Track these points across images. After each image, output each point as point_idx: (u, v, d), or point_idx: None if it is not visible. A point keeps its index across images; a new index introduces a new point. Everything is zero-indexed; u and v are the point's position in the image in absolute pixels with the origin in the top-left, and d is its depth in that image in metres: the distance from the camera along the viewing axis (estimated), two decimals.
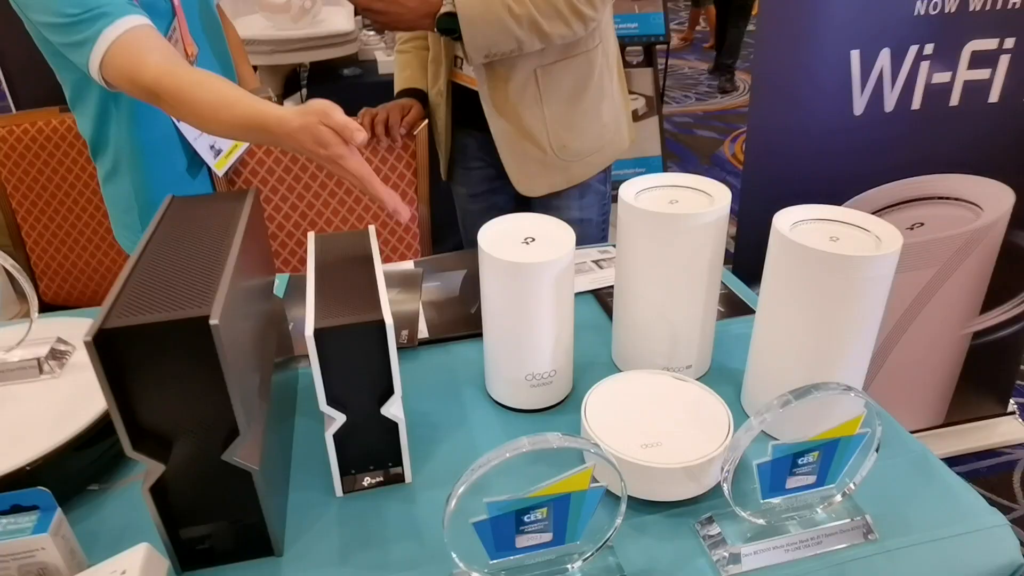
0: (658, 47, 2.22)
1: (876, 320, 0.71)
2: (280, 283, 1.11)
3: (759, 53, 1.34)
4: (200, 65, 1.19)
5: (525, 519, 0.56)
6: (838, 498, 0.66)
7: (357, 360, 0.67)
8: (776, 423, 0.78)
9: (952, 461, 1.82)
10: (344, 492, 0.73)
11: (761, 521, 0.65)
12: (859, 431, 0.61)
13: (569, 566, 0.61)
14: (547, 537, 0.58)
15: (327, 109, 0.79)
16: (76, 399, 0.77)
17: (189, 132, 1.26)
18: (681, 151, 3.94)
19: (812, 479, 0.63)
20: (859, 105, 1.33)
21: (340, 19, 2.35)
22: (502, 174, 1.34)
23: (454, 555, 0.58)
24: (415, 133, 1.37)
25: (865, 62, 1.29)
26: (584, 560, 0.61)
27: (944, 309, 1.59)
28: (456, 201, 1.45)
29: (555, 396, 0.84)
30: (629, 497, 0.70)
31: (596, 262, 1.15)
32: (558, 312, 0.77)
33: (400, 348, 0.94)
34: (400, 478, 0.74)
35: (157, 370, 0.57)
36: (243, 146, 1.35)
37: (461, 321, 0.99)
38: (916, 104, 1.35)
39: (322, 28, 2.23)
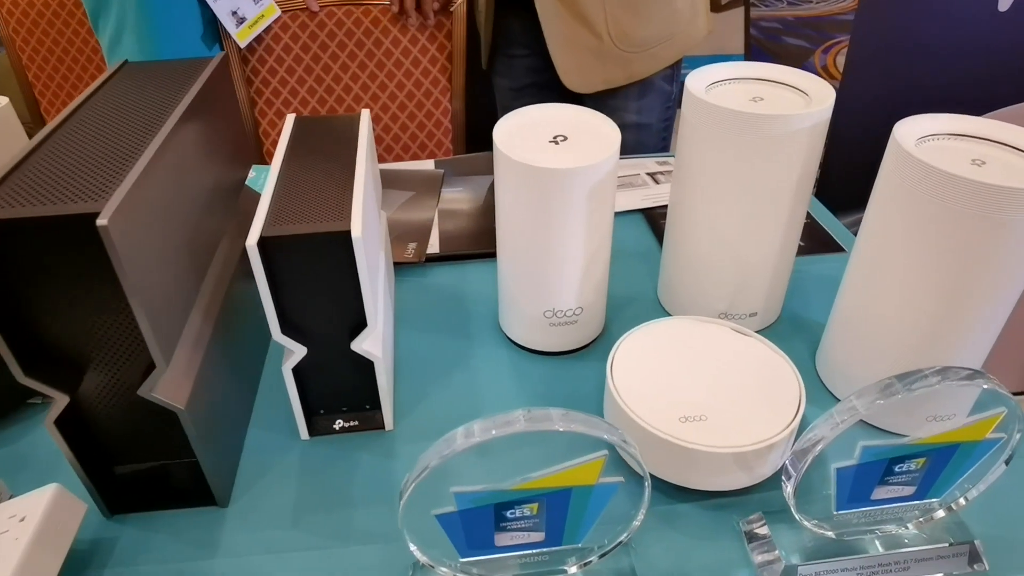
0: None
1: (1023, 279, 0.52)
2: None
3: None
4: None
5: (507, 515, 0.42)
6: (940, 513, 0.49)
7: (318, 281, 0.52)
8: (871, 416, 0.60)
9: None
10: (311, 435, 0.61)
11: (829, 533, 0.49)
12: (990, 436, 0.44)
13: (567, 568, 0.47)
14: (537, 537, 0.44)
15: None
16: None
17: None
18: (765, 59, 3.55)
19: (910, 490, 0.46)
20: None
21: None
22: (550, 65, 1.13)
23: (413, 548, 0.44)
24: (451, 10, 1.17)
25: None
26: (584, 565, 0.46)
27: None
28: (496, 96, 1.25)
29: (581, 338, 0.68)
30: (660, 480, 0.54)
31: (652, 175, 0.96)
32: (590, 235, 0.60)
33: (404, 264, 0.79)
34: (379, 424, 0.61)
35: (44, 276, 0.43)
36: (272, 15, 1.18)
37: (482, 237, 0.83)
38: None
39: None
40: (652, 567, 0.50)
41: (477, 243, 0.81)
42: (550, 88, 1.20)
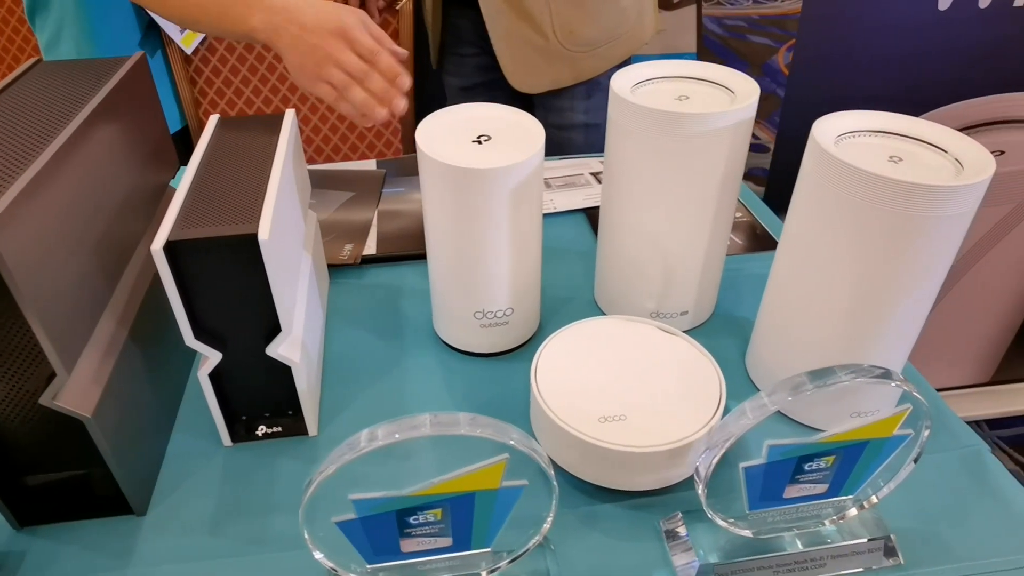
0: None
1: (941, 275, 0.52)
2: None
3: None
4: None
5: (411, 520, 0.41)
6: (853, 511, 0.49)
7: (229, 286, 0.51)
8: (791, 412, 0.60)
9: (994, 423, 1.64)
10: (233, 442, 0.59)
11: (746, 532, 0.48)
12: (898, 432, 0.44)
13: (480, 573, 0.46)
14: (445, 542, 0.43)
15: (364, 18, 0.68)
16: None
17: None
18: (729, 57, 3.58)
19: (822, 488, 0.47)
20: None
21: None
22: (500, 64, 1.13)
23: (318, 555, 0.43)
24: (397, 8, 1.16)
25: None
26: (496, 570, 0.46)
27: (1014, 253, 1.36)
28: (447, 95, 1.24)
29: (513, 339, 0.67)
30: (580, 480, 0.54)
31: (596, 175, 0.95)
32: (517, 235, 0.60)
33: (340, 266, 0.78)
34: (302, 429, 0.60)
35: None
36: None
37: (421, 237, 0.82)
38: (1019, 0, 1.08)
39: None
40: (571, 568, 0.49)
41: (415, 244, 0.80)
42: (500, 87, 1.20)
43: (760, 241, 0.83)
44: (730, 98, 0.61)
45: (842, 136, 0.55)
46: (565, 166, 0.98)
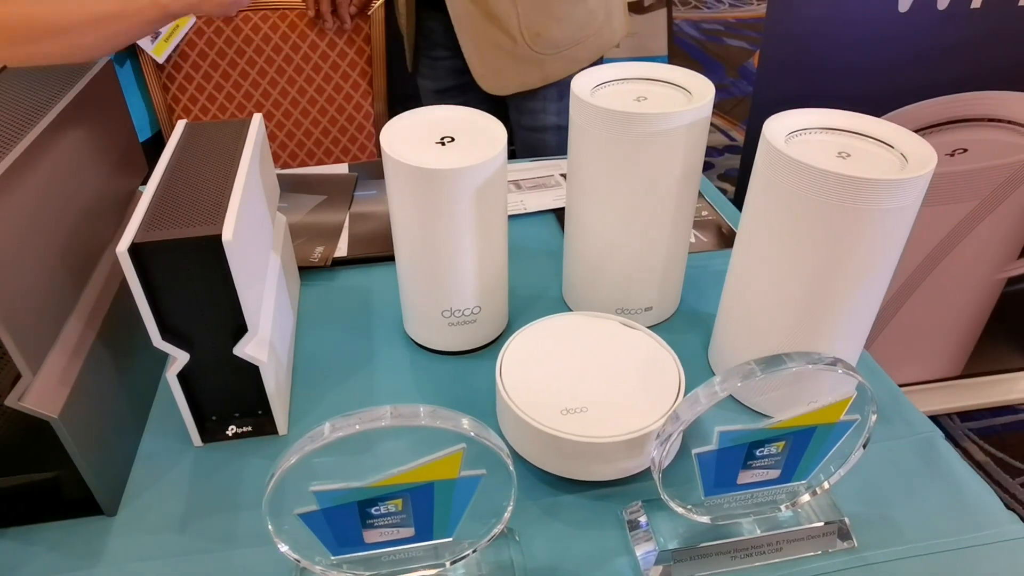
0: None
1: (890, 267, 0.54)
2: None
3: None
4: None
5: (372, 512, 0.42)
6: (806, 497, 0.51)
7: (194, 287, 0.51)
8: (740, 394, 0.62)
9: (965, 416, 1.67)
10: (204, 442, 0.60)
11: (704, 519, 0.50)
12: (844, 418, 0.45)
13: (445, 563, 0.47)
14: (407, 532, 0.44)
15: None
16: None
17: None
18: (707, 60, 3.61)
19: (775, 474, 0.48)
20: (905, 1, 1.10)
21: None
22: None
23: (283, 548, 0.44)
24: (369, 13, 1.17)
25: None
26: (460, 559, 0.47)
27: (979, 249, 1.39)
28: (421, 97, 1.25)
29: (481, 337, 0.68)
30: (546, 473, 0.55)
31: (565, 176, 0.97)
32: (482, 235, 0.61)
33: (310, 268, 0.79)
34: (272, 429, 0.60)
35: None
36: (187, 24, 1.17)
37: (391, 239, 0.83)
38: (976, 2, 1.11)
39: None
40: (534, 557, 0.51)
41: (386, 246, 0.81)
42: (473, 89, 1.21)
43: (726, 239, 0.85)
44: (687, 98, 0.62)
45: (793, 134, 0.56)
46: (535, 168, 0.99)
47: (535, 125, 1.18)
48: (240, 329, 0.54)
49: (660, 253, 0.66)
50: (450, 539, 0.45)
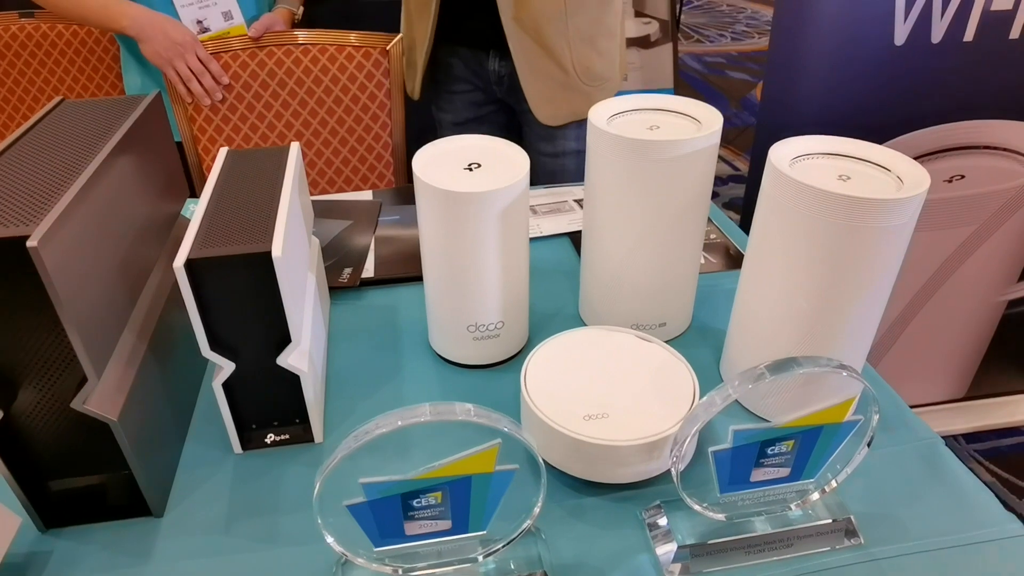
0: None
1: (888, 281, 0.58)
2: None
3: None
4: None
5: (414, 504, 0.45)
6: (815, 495, 0.54)
7: (244, 300, 0.55)
8: (749, 401, 0.65)
9: (971, 437, 1.69)
10: (244, 449, 0.63)
11: (720, 516, 0.53)
12: (849, 418, 0.49)
13: (479, 557, 0.50)
14: (445, 525, 0.47)
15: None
16: None
17: None
18: (710, 92, 3.70)
19: (785, 472, 0.51)
20: (901, 34, 1.15)
21: None
22: (492, 99, 1.20)
23: (330, 539, 0.47)
24: (378, 47, 1.23)
25: None
26: (492, 553, 0.50)
27: (979, 273, 1.43)
28: (439, 130, 1.31)
29: (504, 351, 0.72)
30: (569, 477, 0.59)
31: (578, 201, 1.01)
32: (506, 253, 0.65)
33: (339, 288, 0.83)
34: (309, 437, 0.64)
35: None
36: (238, 35, 1.22)
37: (415, 261, 0.87)
38: (969, 35, 1.17)
39: None
40: (560, 555, 0.54)
41: (411, 267, 0.86)
42: (490, 122, 1.27)
43: (734, 260, 0.89)
44: (696, 127, 0.67)
45: (797, 159, 0.61)
46: (551, 194, 1.04)
47: (556, 151, 1.24)
48: (283, 341, 0.58)
49: (673, 271, 0.70)
50: (484, 532, 0.49)
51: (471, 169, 0.65)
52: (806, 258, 0.57)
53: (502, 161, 0.66)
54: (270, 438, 0.64)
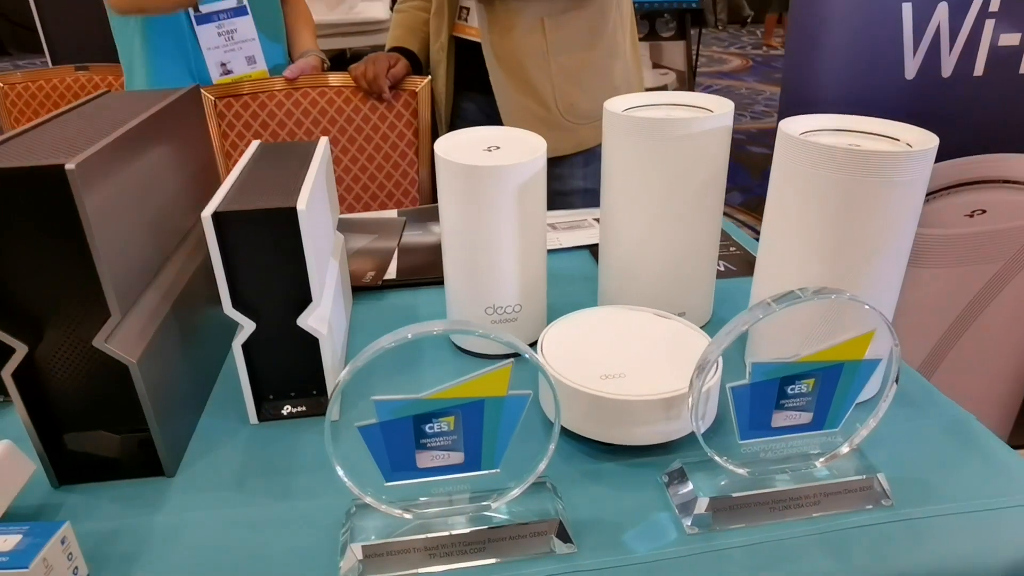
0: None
1: (902, 243, 0.58)
2: None
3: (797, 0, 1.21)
4: None
5: (426, 429, 0.45)
6: (844, 449, 0.52)
7: (267, 255, 0.57)
8: (763, 343, 0.64)
9: None
10: (260, 420, 0.63)
11: (742, 471, 0.51)
12: (869, 356, 0.48)
13: (491, 503, 0.49)
14: (457, 458, 0.47)
15: None
16: None
17: (205, 39, 1.23)
18: (731, 164, 3.78)
19: (807, 417, 0.50)
20: (911, 68, 1.18)
21: (376, 10, 2.32)
22: None
23: (340, 471, 0.46)
24: (408, 88, 1.30)
25: (919, 17, 1.15)
26: (506, 498, 0.49)
27: (1011, 310, 1.40)
28: None
29: (522, 338, 0.72)
30: (586, 440, 0.58)
31: (597, 219, 1.03)
32: (524, 230, 0.66)
33: (363, 287, 0.85)
34: (325, 408, 0.64)
35: (13, 226, 0.48)
36: (259, 79, 1.29)
37: (436, 267, 0.89)
38: (979, 70, 1.20)
39: (355, 15, 2.21)
40: (576, 512, 0.52)
41: (432, 271, 0.87)
42: None
43: (752, 268, 0.89)
44: (708, 114, 0.69)
45: (806, 133, 0.62)
46: (570, 215, 1.06)
47: (563, 189, 1.26)
48: (304, 302, 0.59)
49: (690, 256, 0.70)
50: (496, 471, 0.48)
51: (490, 151, 0.67)
52: (821, 218, 0.57)
53: (520, 144, 0.68)
54: (287, 409, 0.64)
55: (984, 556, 0.49)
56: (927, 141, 0.56)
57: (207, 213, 0.54)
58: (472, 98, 1.27)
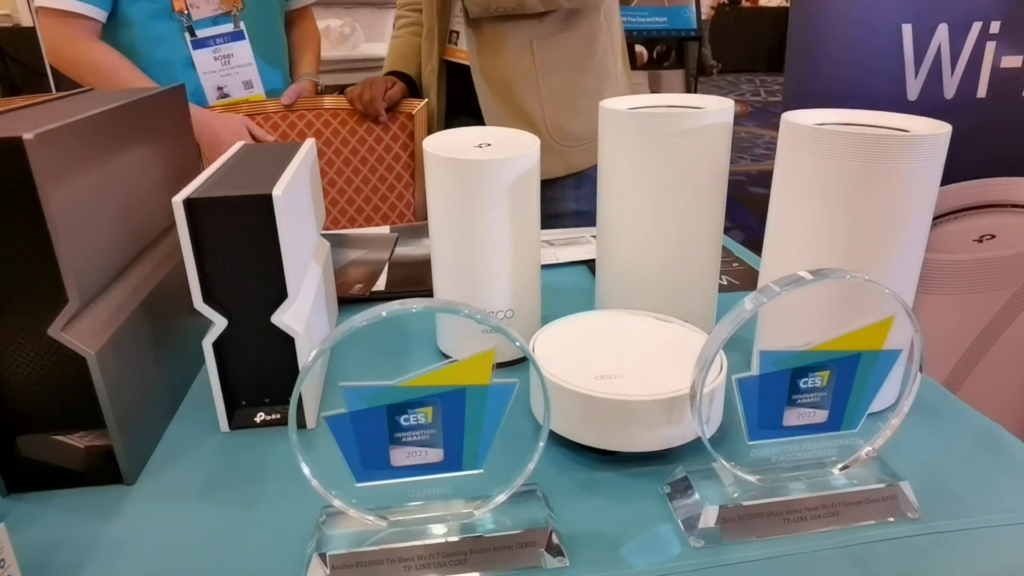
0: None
1: (915, 235, 0.54)
2: None
3: (796, 18, 1.21)
4: (243, 16, 1.28)
5: (401, 421, 0.41)
6: (864, 453, 0.48)
7: (241, 246, 0.54)
8: (772, 337, 0.60)
9: None
10: (232, 427, 0.59)
11: (753, 478, 0.47)
12: (889, 347, 0.44)
13: (474, 511, 0.44)
14: (436, 455, 0.42)
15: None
16: None
17: (201, 64, 1.22)
18: (732, 203, 3.78)
19: (822, 416, 0.46)
20: (913, 89, 1.17)
21: (379, 48, 2.35)
22: None
23: (304, 468, 0.42)
24: (404, 111, 1.29)
25: (919, 38, 1.14)
26: (491, 505, 0.44)
27: None
28: None
29: (513, 349, 0.68)
30: (581, 448, 0.53)
31: (594, 236, 1.00)
32: (516, 231, 0.63)
33: (351, 299, 0.81)
34: (301, 417, 0.59)
35: None
36: (256, 101, 1.29)
37: (427, 279, 0.85)
38: (981, 92, 1.18)
39: (358, 53, 2.23)
40: (569, 524, 0.47)
41: (422, 284, 0.83)
42: None
43: (755, 283, 0.86)
44: (707, 110, 0.66)
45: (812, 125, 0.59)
46: (567, 232, 1.03)
47: (555, 212, 1.24)
48: (280, 299, 0.55)
49: (690, 259, 0.66)
50: (480, 472, 0.43)
51: (481, 147, 0.64)
52: (830, 208, 0.54)
53: (512, 141, 0.66)
54: (260, 417, 0.59)
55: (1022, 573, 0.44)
56: (939, 127, 0.53)
57: (178, 199, 0.51)
58: (465, 121, 1.25)
